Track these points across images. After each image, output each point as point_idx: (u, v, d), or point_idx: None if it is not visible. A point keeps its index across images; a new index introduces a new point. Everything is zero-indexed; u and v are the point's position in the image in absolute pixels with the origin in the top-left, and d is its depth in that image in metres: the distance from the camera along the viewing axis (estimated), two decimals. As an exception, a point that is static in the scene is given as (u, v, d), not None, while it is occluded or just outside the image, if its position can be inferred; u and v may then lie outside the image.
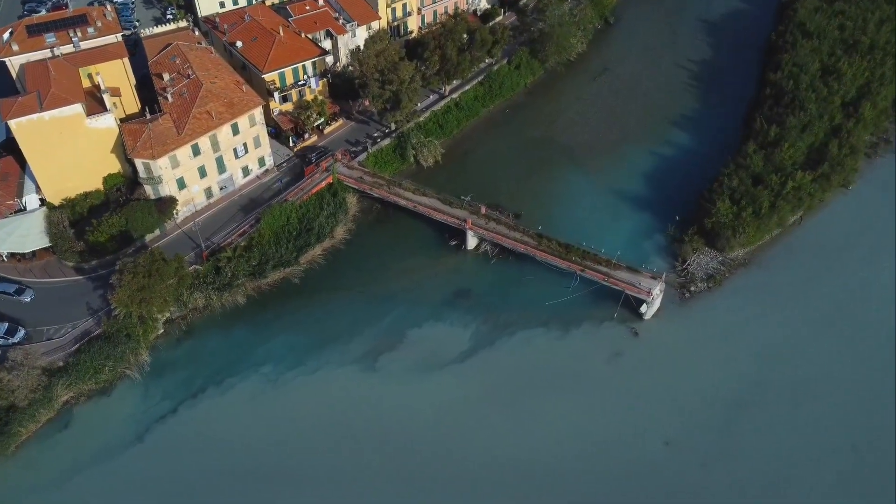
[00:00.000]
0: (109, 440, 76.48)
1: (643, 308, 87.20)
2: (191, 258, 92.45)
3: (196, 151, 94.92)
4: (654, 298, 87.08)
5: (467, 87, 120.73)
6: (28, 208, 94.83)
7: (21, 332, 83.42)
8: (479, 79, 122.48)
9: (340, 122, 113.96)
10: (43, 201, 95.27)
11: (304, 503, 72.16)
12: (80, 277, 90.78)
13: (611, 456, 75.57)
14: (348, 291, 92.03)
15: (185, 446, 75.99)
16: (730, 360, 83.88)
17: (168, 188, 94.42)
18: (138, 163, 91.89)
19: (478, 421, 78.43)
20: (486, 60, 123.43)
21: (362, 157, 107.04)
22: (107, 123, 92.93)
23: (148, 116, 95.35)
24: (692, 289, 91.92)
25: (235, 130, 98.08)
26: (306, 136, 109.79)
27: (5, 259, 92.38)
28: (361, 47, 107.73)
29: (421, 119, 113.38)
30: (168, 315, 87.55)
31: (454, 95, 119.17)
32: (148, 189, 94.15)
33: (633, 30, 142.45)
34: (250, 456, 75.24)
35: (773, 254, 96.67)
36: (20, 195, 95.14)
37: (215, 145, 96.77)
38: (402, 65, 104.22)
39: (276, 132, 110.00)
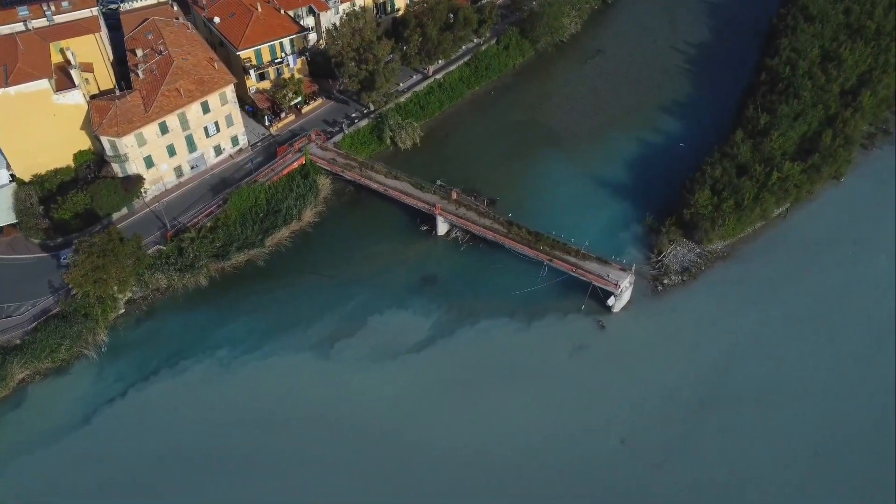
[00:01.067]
0: (59, 420, 76.22)
1: (611, 301, 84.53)
2: (156, 238, 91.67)
3: (164, 129, 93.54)
4: (623, 291, 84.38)
5: (452, 68, 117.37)
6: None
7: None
8: (466, 59, 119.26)
9: (320, 101, 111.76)
10: (13, 177, 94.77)
11: (248, 488, 71.35)
12: (46, 255, 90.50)
13: (564, 451, 73.50)
14: (313, 276, 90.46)
15: (133, 429, 75.44)
16: (697, 357, 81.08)
17: (135, 166, 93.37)
18: (104, 140, 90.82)
19: (431, 411, 76.83)
20: (474, 40, 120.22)
21: (338, 138, 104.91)
22: (75, 100, 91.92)
23: (117, 93, 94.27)
24: (665, 282, 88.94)
25: (206, 109, 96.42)
26: (283, 114, 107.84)
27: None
28: (337, 24, 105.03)
29: (401, 100, 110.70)
30: (129, 295, 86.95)
31: (438, 76, 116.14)
32: (115, 167, 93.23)
33: (632, 10, 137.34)
34: (197, 440, 74.57)
35: (755, 247, 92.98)
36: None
37: (184, 123, 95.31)
38: (378, 44, 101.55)
39: (253, 111, 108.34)
